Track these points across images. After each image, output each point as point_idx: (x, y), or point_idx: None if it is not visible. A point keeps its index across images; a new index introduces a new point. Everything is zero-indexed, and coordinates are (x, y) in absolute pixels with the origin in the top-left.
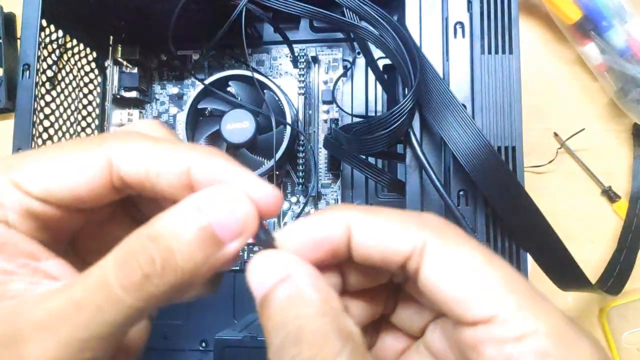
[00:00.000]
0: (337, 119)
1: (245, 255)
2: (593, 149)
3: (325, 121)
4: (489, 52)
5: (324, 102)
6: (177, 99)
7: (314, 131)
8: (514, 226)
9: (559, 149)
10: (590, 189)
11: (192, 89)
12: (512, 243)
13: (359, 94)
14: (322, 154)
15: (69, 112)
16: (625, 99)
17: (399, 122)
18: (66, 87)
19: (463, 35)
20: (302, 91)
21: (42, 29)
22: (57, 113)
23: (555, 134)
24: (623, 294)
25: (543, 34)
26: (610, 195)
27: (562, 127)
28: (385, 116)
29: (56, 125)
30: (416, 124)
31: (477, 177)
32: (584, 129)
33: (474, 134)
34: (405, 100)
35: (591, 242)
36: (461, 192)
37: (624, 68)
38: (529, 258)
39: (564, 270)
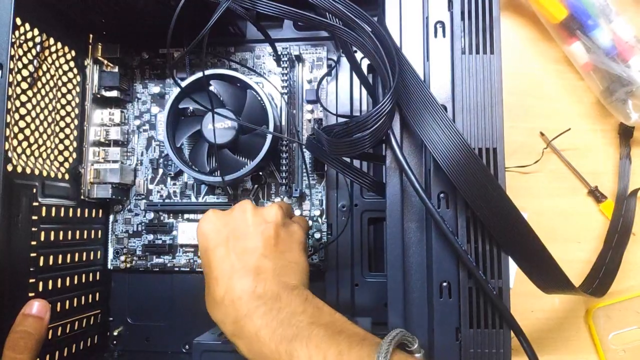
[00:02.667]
0: (321, 119)
1: None
2: (579, 149)
3: (310, 121)
4: (470, 52)
5: (308, 102)
6: (159, 98)
7: (298, 131)
8: (495, 229)
9: (545, 149)
10: (577, 189)
11: (175, 88)
12: (494, 246)
13: (344, 93)
14: (307, 154)
15: (46, 112)
16: (611, 99)
17: (378, 123)
18: (43, 86)
19: (444, 35)
20: (286, 90)
21: (16, 27)
22: (33, 113)
23: (542, 134)
24: (609, 295)
25: (529, 32)
26: (596, 195)
27: (548, 126)
28: (364, 118)
29: (32, 126)
30: (396, 125)
31: (457, 180)
32: (570, 129)
33: (453, 135)
34: (384, 102)
35: (577, 243)
36: (441, 195)
37: (610, 67)
38: (512, 262)
39: (546, 273)
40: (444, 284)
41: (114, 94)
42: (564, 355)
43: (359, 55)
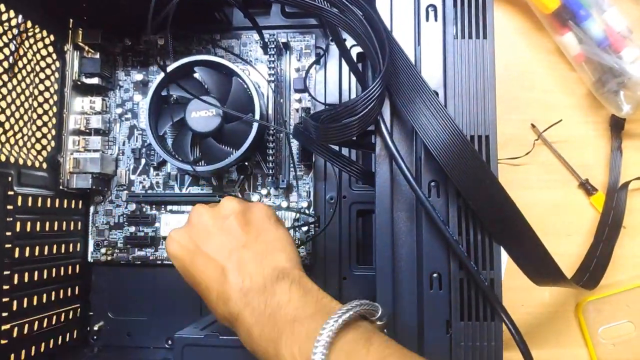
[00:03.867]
0: (309, 108)
1: None
2: (570, 141)
3: (297, 110)
4: (462, 37)
5: (296, 91)
6: (142, 85)
7: (286, 121)
8: (487, 219)
9: (536, 141)
10: (567, 182)
11: (158, 75)
12: (485, 236)
13: (332, 82)
14: (294, 145)
15: (23, 97)
16: (603, 90)
17: (367, 108)
18: (20, 71)
19: (435, 19)
20: (273, 78)
21: None
22: (9, 98)
23: (533, 125)
24: (599, 288)
25: (520, 23)
26: (587, 187)
27: (540, 118)
28: (352, 102)
29: (8, 112)
30: (386, 111)
31: (449, 168)
32: (561, 120)
33: (445, 122)
34: (374, 86)
35: (567, 235)
36: (432, 183)
37: (602, 58)
38: (503, 252)
39: (539, 264)
40: (434, 275)
41: (95, 81)
42: (554, 349)
43: (348, 42)
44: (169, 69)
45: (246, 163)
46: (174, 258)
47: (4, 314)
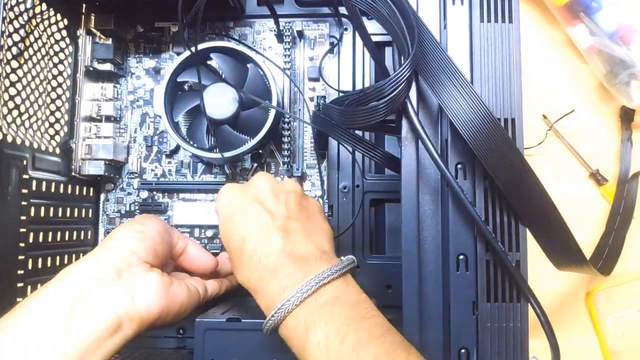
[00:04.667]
0: (324, 97)
1: None
2: (581, 132)
3: (312, 99)
4: (489, 21)
5: (310, 79)
6: (154, 73)
7: (300, 109)
8: (514, 200)
9: (548, 131)
10: (578, 172)
11: (171, 62)
12: (512, 218)
13: (346, 71)
14: (308, 134)
15: (37, 81)
16: (614, 82)
17: (396, 91)
18: (35, 54)
19: (462, 2)
20: (288, 67)
21: None
22: (24, 81)
23: (544, 116)
24: (609, 278)
25: (532, 14)
26: (597, 178)
27: (551, 109)
28: (381, 85)
29: (23, 94)
30: (413, 94)
31: (478, 148)
32: (573, 111)
33: (475, 103)
34: (403, 68)
35: (579, 226)
36: (459, 165)
37: (613, 50)
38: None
39: (563, 247)
40: (461, 257)
41: (107, 67)
42: (564, 336)
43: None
44: (183, 56)
45: (260, 151)
46: (223, 206)
47: (19, 300)
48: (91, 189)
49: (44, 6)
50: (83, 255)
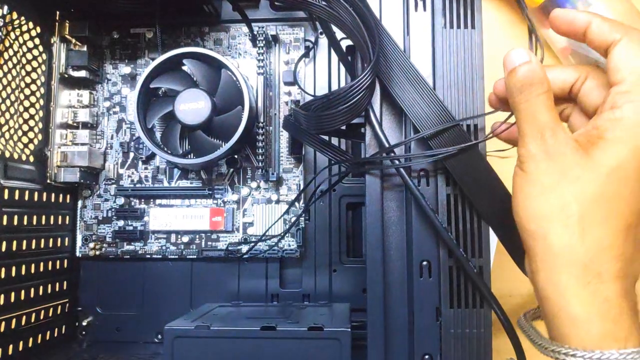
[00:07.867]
0: (298, 101)
1: (203, 243)
2: None
3: (287, 103)
4: (451, 27)
5: (285, 84)
6: (130, 79)
7: (275, 114)
8: (481, 205)
9: None
10: None
11: (146, 68)
12: (474, 225)
13: (322, 75)
14: (284, 137)
15: (9, 89)
16: None
17: (358, 96)
18: (6, 62)
19: (424, 9)
20: (262, 71)
21: None
22: None
23: None
24: None
25: (507, 15)
26: None
27: None
28: (344, 90)
29: None
30: (376, 101)
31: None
32: None
33: (437, 108)
34: (364, 75)
35: None
36: (421, 172)
37: (588, 52)
38: (492, 242)
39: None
40: (424, 263)
41: (82, 74)
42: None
43: (338, 34)
44: (157, 61)
45: (236, 156)
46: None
47: None
48: (68, 196)
49: (15, 15)
50: (59, 263)
